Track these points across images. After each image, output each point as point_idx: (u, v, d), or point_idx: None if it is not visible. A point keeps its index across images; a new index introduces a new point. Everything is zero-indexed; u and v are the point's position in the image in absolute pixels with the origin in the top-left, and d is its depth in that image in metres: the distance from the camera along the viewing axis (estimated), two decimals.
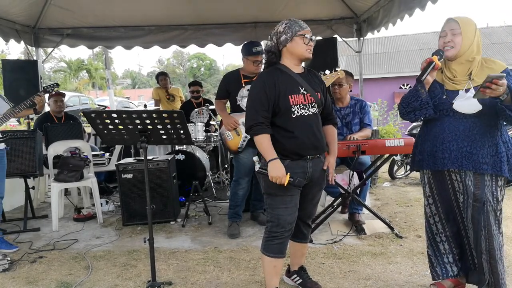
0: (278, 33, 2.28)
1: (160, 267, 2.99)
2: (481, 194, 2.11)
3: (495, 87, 1.88)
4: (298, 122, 2.24)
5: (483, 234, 2.12)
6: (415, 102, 2.22)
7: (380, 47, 22.60)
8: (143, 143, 2.45)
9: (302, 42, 2.25)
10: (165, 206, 4.07)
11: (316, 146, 2.30)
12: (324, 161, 2.41)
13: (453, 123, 2.17)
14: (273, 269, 2.34)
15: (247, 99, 2.36)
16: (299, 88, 2.27)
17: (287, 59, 2.31)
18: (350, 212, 3.77)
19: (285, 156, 2.23)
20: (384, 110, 11.64)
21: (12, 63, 5.86)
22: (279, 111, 2.24)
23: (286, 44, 2.26)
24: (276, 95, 2.22)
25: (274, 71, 2.29)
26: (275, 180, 2.16)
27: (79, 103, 16.88)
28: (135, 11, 5.76)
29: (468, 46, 2.13)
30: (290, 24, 2.26)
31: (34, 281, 2.88)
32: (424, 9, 3.92)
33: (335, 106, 3.91)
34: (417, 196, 4.80)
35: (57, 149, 4.40)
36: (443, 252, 2.38)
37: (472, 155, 2.11)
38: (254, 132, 2.22)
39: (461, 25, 2.13)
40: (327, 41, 5.77)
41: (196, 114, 5.34)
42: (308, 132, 2.26)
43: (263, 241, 2.35)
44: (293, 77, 2.29)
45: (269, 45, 2.34)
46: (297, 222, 2.40)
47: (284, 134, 2.25)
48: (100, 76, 30.72)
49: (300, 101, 2.25)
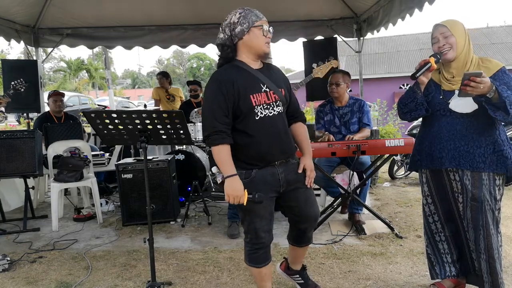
0: (231, 24, 2.01)
1: (160, 267, 2.99)
2: (479, 193, 2.12)
3: (474, 85, 1.89)
4: (263, 124, 2.01)
5: (481, 233, 2.13)
6: (411, 103, 2.25)
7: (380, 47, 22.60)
8: (143, 143, 2.45)
9: (261, 34, 2.00)
10: (165, 206, 4.07)
11: (283, 150, 2.10)
12: (296, 162, 2.19)
13: (450, 122, 2.18)
14: (264, 276, 2.24)
15: (202, 102, 2.08)
16: (261, 86, 2.03)
17: (243, 54, 2.05)
18: (350, 212, 3.77)
19: (250, 165, 2.03)
20: (384, 110, 11.64)
21: (12, 63, 5.87)
22: (240, 114, 1.99)
23: (242, 37, 2.00)
24: (236, 95, 1.96)
25: (230, 68, 2.03)
26: (232, 200, 1.94)
27: (79, 103, 16.88)
28: (135, 11, 5.76)
29: (463, 45, 2.15)
30: (245, 14, 2.00)
31: (34, 281, 2.88)
32: (422, 9, 3.93)
33: (334, 105, 3.91)
34: (417, 196, 4.80)
35: (57, 149, 4.40)
36: (442, 252, 2.39)
37: (469, 154, 2.13)
38: (211, 142, 1.96)
39: (450, 27, 2.15)
40: (327, 41, 5.77)
41: (195, 114, 5.33)
42: (274, 135, 2.04)
43: (247, 254, 2.20)
44: (253, 73, 2.04)
45: (221, 38, 2.06)
46: (304, 228, 2.25)
47: (246, 140, 2.01)
48: (100, 76, 30.72)
49: (263, 100, 2.02)
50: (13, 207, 4.79)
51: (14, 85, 3.86)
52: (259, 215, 2.09)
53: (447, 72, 2.23)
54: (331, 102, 3.95)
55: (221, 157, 1.97)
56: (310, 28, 6.02)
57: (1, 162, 3.87)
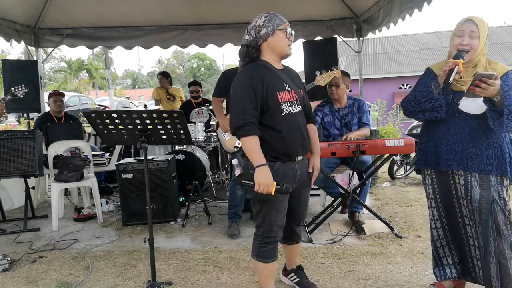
0: (257, 27, 2.15)
1: (160, 267, 3.00)
2: (488, 195, 2.08)
3: (485, 86, 1.85)
4: (288, 120, 2.13)
5: (491, 235, 2.08)
6: (427, 104, 2.17)
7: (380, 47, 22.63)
8: (143, 143, 2.45)
9: (285, 36, 2.14)
10: (165, 206, 4.07)
11: (304, 146, 2.22)
12: (308, 162, 2.32)
13: (458, 124, 2.14)
14: (269, 273, 2.30)
15: (231, 97, 2.18)
16: (284, 85, 2.16)
17: (267, 54, 2.18)
18: (350, 211, 3.77)
19: (274, 158, 2.11)
20: (384, 110, 11.66)
21: (12, 63, 5.86)
22: (267, 110, 2.10)
23: (266, 39, 2.14)
24: (264, 91, 2.08)
25: (257, 66, 2.15)
26: (261, 189, 1.99)
27: (79, 103, 16.85)
28: (135, 11, 5.75)
29: (481, 49, 2.10)
30: (271, 17, 2.15)
31: (34, 281, 2.88)
32: (421, 9, 3.94)
33: (333, 106, 3.91)
34: (417, 196, 4.81)
35: (57, 149, 4.41)
36: (443, 255, 2.38)
37: (477, 156, 2.10)
38: (243, 133, 2.04)
39: (480, 28, 2.07)
40: (327, 41, 5.77)
41: (195, 114, 5.34)
42: (298, 131, 2.17)
43: (256, 248, 2.26)
44: (277, 73, 2.17)
45: (246, 39, 2.19)
46: (290, 225, 2.36)
47: (273, 134, 2.11)
48: (100, 76, 30.71)
49: (286, 98, 2.14)
50: (17, 205, 4.78)
51: (13, 91, 3.79)
52: (276, 208, 2.17)
53: None
54: (329, 103, 3.94)
55: (252, 147, 2.04)
56: (310, 28, 6.02)
57: (1, 162, 3.87)
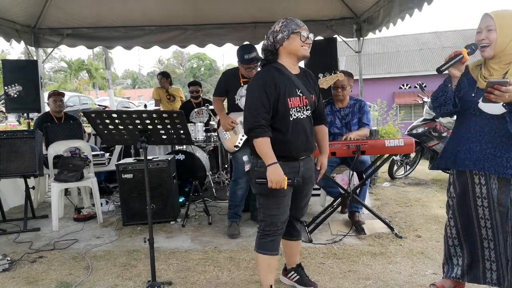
0: (274, 32, 2.25)
1: (160, 267, 3.00)
2: (505, 199, 2.02)
3: (498, 93, 1.80)
4: (295, 125, 2.25)
5: (508, 240, 2.03)
6: (441, 97, 2.16)
7: (380, 47, 22.64)
8: (143, 143, 2.45)
9: (299, 39, 2.22)
10: (165, 206, 4.07)
11: (307, 149, 2.34)
12: (313, 159, 2.45)
13: (479, 123, 2.08)
14: (267, 267, 2.37)
15: (246, 99, 2.31)
16: (296, 91, 2.26)
17: (284, 58, 2.28)
18: (350, 211, 3.77)
19: (278, 157, 2.21)
20: (384, 110, 11.67)
21: (12, 63, 5.86)
22: (277, 114, 2.22)
23: (282, 43, 2.24)
24: (276, 96, 2.20)
25: (273, 70, 2.26)
26: (275, 185, 2.13)
27: (79, 103, 16.85)
28: (135, 11, 5.76)
29: (506, 43, 1.95)
30: (287, 23, 2.24)
31: (34, 281, 2.88)
32: (421, 9, 3.94)
33: (335, 106, 3.91)
34: (417, 196, 4.81)
35: (57, 149, 4.41)
36: (454, 254, 2.34)
37: (495, 157, 2.02)
38: (255, 135, 2.18)
39: (496, 20, 1.96)
40: (327, 41, 5.77)
41: (195, 114, 5.35)
42: (302, 136, 2.28)
43: (257, 240, 2.38)
44: (291, 78, 2.27)
45: (265, 44, 2.31)
46: (291, 220, 2.42)
47: (280, 137, 2.23)
48: (100, 76, 30.70)
49: (296, 103, 2.25)
50: (11, 205, 4.78)
51: (6, 89, 3.84)
52: (278, 202, 2.28)
53: (485, 69, 2.08)
54: (331, 103, 3.95)
55: (264, 147, 2.18)
56: (310, 29, 5.91)
57: (1, 162, 3.87)
